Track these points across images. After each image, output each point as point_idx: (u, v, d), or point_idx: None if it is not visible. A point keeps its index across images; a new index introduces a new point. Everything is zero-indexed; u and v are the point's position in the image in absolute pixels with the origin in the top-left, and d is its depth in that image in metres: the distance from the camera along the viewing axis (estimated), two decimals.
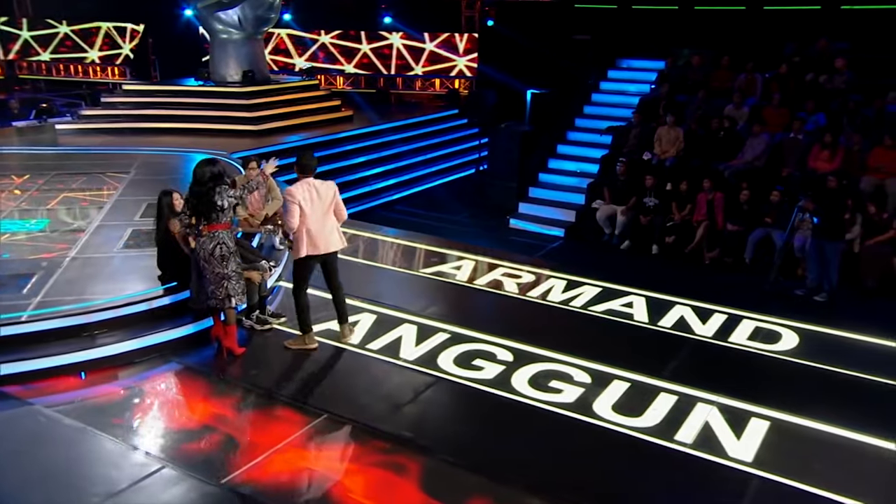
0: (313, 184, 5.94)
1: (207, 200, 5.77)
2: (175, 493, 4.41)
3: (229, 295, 5.86)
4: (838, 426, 5.13)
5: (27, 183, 10.55)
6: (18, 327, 5.73)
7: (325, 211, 5.96)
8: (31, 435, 4.98)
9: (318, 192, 5.91)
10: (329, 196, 5.99)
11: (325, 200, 5.95)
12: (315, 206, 5.88)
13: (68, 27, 22.57)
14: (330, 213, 6.03)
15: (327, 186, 6.02)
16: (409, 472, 4.67)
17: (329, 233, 6.03)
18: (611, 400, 5.47)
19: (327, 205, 5.98)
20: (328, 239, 6.01)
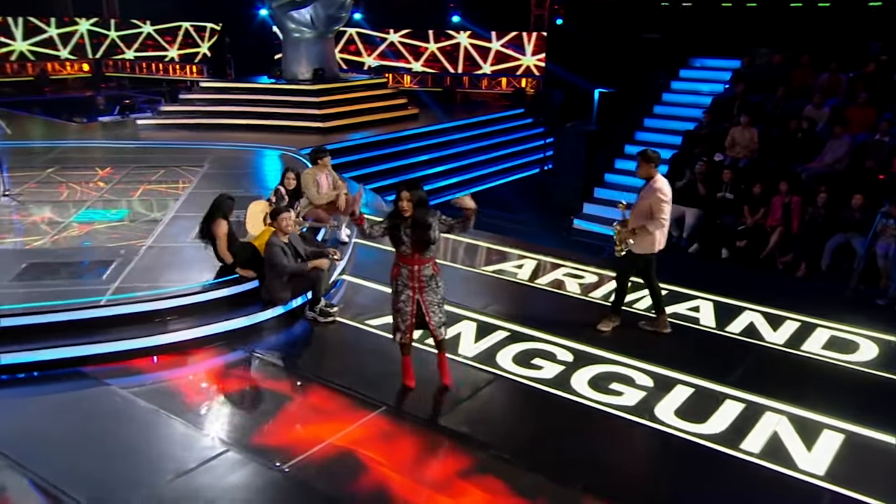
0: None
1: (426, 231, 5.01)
2: (239, 475, 4.54)
3: (395, 330, 5.37)
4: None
5: (109, 175, 11.05)
6: (97, 311, 6.01)
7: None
8: (110, 413, 5.21)
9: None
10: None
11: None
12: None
13: (152, 27, 23.56)
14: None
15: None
16: (466, 468, 4.66)
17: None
18: (673, 405, 5.34)
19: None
20: None
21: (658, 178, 6.16)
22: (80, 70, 24.09)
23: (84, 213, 8.79)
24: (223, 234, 6.68)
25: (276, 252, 6.43)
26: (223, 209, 6.75)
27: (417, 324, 5.27)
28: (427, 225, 4.96)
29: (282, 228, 6.55)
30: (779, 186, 10.44)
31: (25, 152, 12.69)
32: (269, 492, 4.44)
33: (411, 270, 5.09)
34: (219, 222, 6.69)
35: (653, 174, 6.16)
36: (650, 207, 6.08)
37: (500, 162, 16.11)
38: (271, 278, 6.53)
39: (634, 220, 6.21)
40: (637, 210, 6.22)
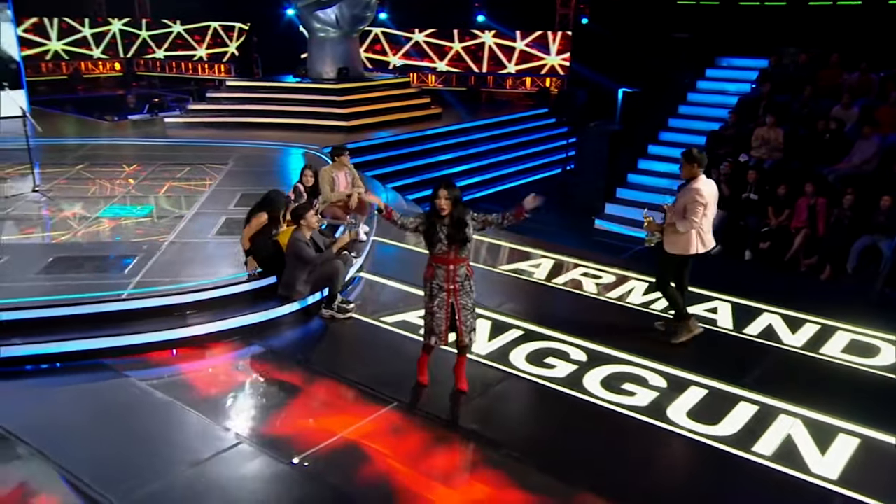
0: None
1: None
2: (249, 467, 4.62)
3: (428, 332, 5.29)
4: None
5: (136, 171, 11.27)
6: (119, 304, 6.14)
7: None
8: (126, 404, 5.32)
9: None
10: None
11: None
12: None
13: (181, 27, 23.93)
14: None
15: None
16: (475, 465, 4.69)
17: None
18: (686, 406, 5.30)
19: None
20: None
21: (701, 178, 5.97)
22: (112, 69, 24.54)
23: (110, 209, 8.98)
24: (257, 223, 6.73)
25: (302, 246, 6.52)
26: (270, 205, 6.82)
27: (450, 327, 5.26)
28: (465, 223, 4.97)
29: (310, 225, 6.65)
30: (804, 188, 10.30)
31: (57, 149, 13.00)
32: (279, 483, 4.50)
33: (447, 270, 5.06)
34: (259, 214, 6.78)
35: (696, 174, 5.98)
36: (685, 207, 5.95)
37: (523, 161, 16.09)
38: (295, 272, 6.61)
39: (670, 219, 6.11)
40: (674, 208, 6.10)
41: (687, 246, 6.10)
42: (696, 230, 5.99)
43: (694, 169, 5.98)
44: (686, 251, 6.12)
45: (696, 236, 6.05)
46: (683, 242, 6.08)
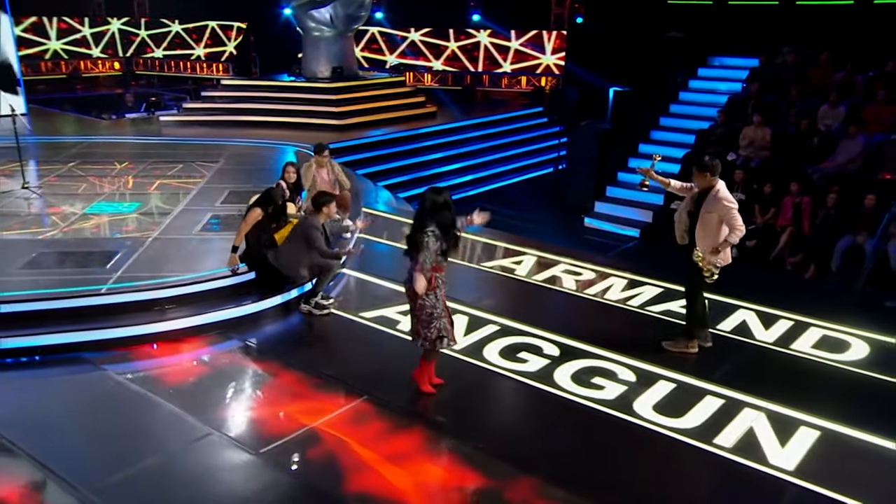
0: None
1: (411, 238, 5.04)
2: (218, 457, 4.71)
3: (441, 336, 5.22)
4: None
5: (127, 169, 11.37)
6: (98, 299, 6.23)
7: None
8: (100, 397, 5.42)
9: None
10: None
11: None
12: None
13: (180, 26, 24.07)
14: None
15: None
16: (438, 456, 4.77)
17: None
18: (653, 399, 5.37)
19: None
20: None
21: (719, 185, 5.65)
22: (111, 68, 24.72)
23: (97, 206, 9.07)
24: (251, 219, 6.79)
25: (316, 234, 6.55)
26: (266, 201, 6.88)
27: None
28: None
29: (329, 215, 6.74)
30: (789, 187, 10.34)
31: (52, 147, 13.13)
32: (246, 473, 4.58)
33: (442, 278, 5.14)
34: (253, 209, 6.85)
35: (712, 184, 5.64)
36: (719, 219, 5.59)
37: (516, 160, 16.16)
38: (300, 256, 6.64)
39: (704, 240, 5.70)
40: (703, 225, 5.70)
41: (727, 256, 5.78)
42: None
43: (708, 178, 5.65)
44: (727, 261, 5.80)
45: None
46: (725, 255, 5.73)
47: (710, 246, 5.65)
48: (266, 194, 6.88)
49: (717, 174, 5.69)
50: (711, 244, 5.65)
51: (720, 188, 5.65)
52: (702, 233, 5.73)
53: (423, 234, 4.91)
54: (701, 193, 5.76)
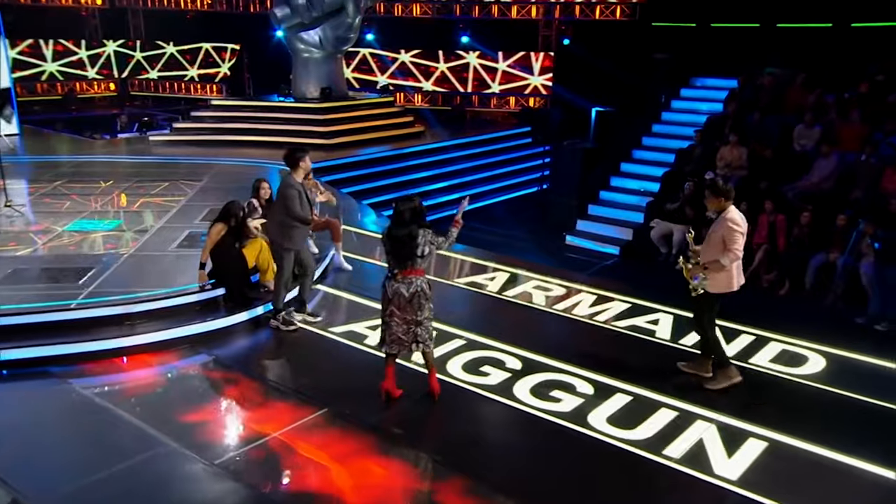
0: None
1: (409, 246, 5.17)
2: (174, 469, 4.78)
3: (417, 341, 5.38)
4: (840, 451, 4.92)
5: (112, 187, 11.52)
6: (67, 314, 6.34)
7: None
8: (62, 411, 5.52)
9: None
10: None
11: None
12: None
13: (174, 48, 24.40)
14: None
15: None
16: (392, 467, 4.84)
17: None
18: (608, 412, 5.45)
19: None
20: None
21: (731, 209, 5.67)
22: (106, 89, 25.00)
23: (77, 223, 9.20)
24: (214, 234, 6.88)
25: (292, 194, 6.44)
26: (226, 215, 6.98)
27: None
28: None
29: (307, 168, 6.66)
30: (764, 205, 10.47)
31: (40, 166, 13.30)
32: (200, 484, 4.66)
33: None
34: (214, 225, 6.96)
35: (725, 206, 5.65)
36: (722, 239, 5.59)
37: (502, 179, 16.31)
38: (285, 221, 6.56)
39: (704, 255, 5.70)
40: (709, 244, 5.70)
41: (730, 282, 5.71)
42: (737, 263, 5.67)
43: (721, 202, 5.66)
44: (730, 288, 5.72)
45: (737, 269, 5.72)
46: (726, 279, 5.67)
47: (712, 263, 5.62)
48: (225, 209, 6.99)
49: (731, 199, 5.70)
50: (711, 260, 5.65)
51: (731, 210, 5.67)
52: (705, 251, 5.73)
53: (421, 232, 5.17)
54: (716, 215, 5.75)
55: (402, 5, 20.34)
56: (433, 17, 20.26)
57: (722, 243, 5.60)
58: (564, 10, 18.97)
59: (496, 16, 19.62)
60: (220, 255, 6.97)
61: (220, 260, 6.97)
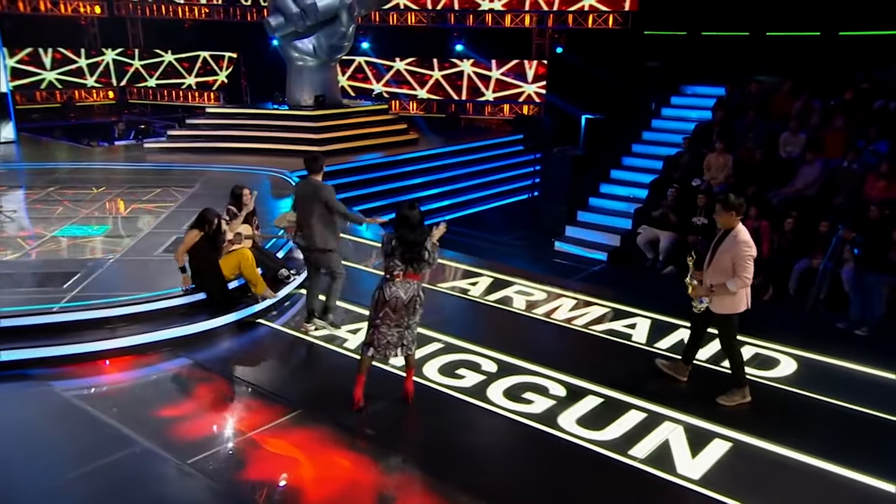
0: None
1: (419, 250, 5.23)
2: (145, 467, 4.87)
3: (403, 344, 5.45)
4: (803, 452, 4.99)
5: (104, 194, 11.64)
6: (49, 317, 6.43)
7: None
8: (40, 412, 5.61)
9: None
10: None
11: None
12: None
13: (172, 56, 24.60)
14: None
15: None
16: (361, 467, 4.92)
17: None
18: (578, 413, 5.52)
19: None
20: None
21: (741, 228, 5.47)
22: (105, 97, 25.18)
23: (66, 229, 9.31)
24: (189, 240, 6.98)
25: (333, 194, 6.62)
26: (201, 221, 7.05)
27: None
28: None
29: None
30: (748, 212, 10.53)
31: (35, 173, 13.44)
32: (171, 483, 4.74)
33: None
34: (190, 231, 7.06)
35: (734, 224, 5.45)
36: (732, 262, 5.40)
37: (494, 186, 16.42)
38: (328, 224, 6.65)
39: (713, 276, 5.53)
40: (716, 265, 5.52)
41: (738, 304, 5.54)
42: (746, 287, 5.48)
43: (732, 218, 5.45)
44: (736, 309, 5.55)
45: (746, 292, 5.55)
46: (733, 301, 5.52)
47: (720, 287, 5.48)
48: (200, 215, 7.07)
49: (742, 214, 5.53)
50: (718, 283, 5.51)
51: (741, 230, 5.48)
52: (711, 270, 5.57)
53: (428, 238, 5.28)
54: (723, 232, 5.58)
55: (396, 14, 20.50)
56: (428, 25, 20.41)
57: (731, 265, 5.40)
58: (557, 19, 19.10)
59: (490, 24, 19.75)
60: (197, 260, 7.06)
61: (198, 266, 7.06)
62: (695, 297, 5.63)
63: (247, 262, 7.26)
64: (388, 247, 5.26)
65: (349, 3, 16.43)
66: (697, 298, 5.62)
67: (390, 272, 5.30)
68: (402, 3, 20.35)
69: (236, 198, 7.69)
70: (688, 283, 5.72)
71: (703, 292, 5.56)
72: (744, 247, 5.38)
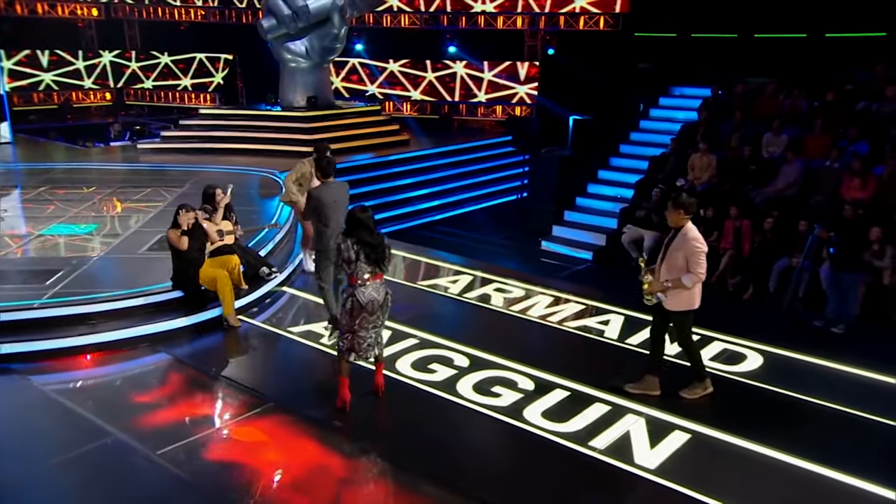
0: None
1: (381, 250, 5.37)
2: (115, 459, 5.00)
3: (379, 342, 5.63)
4: (760, 444, 5.10)
5: (94, 193, 11.78)
6: (29, 313, 6.57)
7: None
8: (17, 405, 5.76)
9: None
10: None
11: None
12: None
13: (169, 58, 24.78)
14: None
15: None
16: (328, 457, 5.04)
17: None
18: (543, 406, 5.64)
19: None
20: None
21: (690, 226, 5.52)
22: (102, 98, 25.35)
23: (54, 228, 9.46)
24: (176, 239, 7.10)
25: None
26: (176, 223, 7.14)
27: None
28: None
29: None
30: (729, 211, 10.66)
31: (28, 173, 13.59)
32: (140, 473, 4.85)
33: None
34: (169, 231, 7.16)
35: (683, 223, 5.51)
36: (684, 260, 5.44)
37: (484, 187, 16.53)
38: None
39: (666, 273, 5.58)
40: (669, 263, 5.57)
41: (692, 300, 5.60)
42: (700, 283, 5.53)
43: (681, 216, 5.52)
44: (692, 305, 5.62)
45: (699, 288, 5.61)
46: (689, 297, 5.58)
47: (675, 282, 5.52)
48: (175, 217, 7.17)
49: (692, 213, 5.58)
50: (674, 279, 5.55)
51: (690, 228, 5.53)
52: (665, 269, 5.61)
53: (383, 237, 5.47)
54: (674, 231, 5.62)
55: (390, 16, 20.64)
56: (421, 27, 20.54)
57: (683, 262, 5.47)
58: (549, 21, 19.21)
59: (482, 26, 19.88)
60: (181, 259, 7.17)
61: (181, 264, 7.17)
62: (651, 293, 5.66)
63: (221, 282, 7.10)
64: (350, 253, 5.27)
65: (341, 6, 16.56)
66: (653, 295, 5.64)
67: (360, 277, 5.33)
68: (395, 5, 20.49)
69: (209, 197, 7.76)
70: (642, 281, 5.72)
71: (659, 288, 5.60)
72: (694, 243, 5.43)
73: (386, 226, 13.76)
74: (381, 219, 13.89)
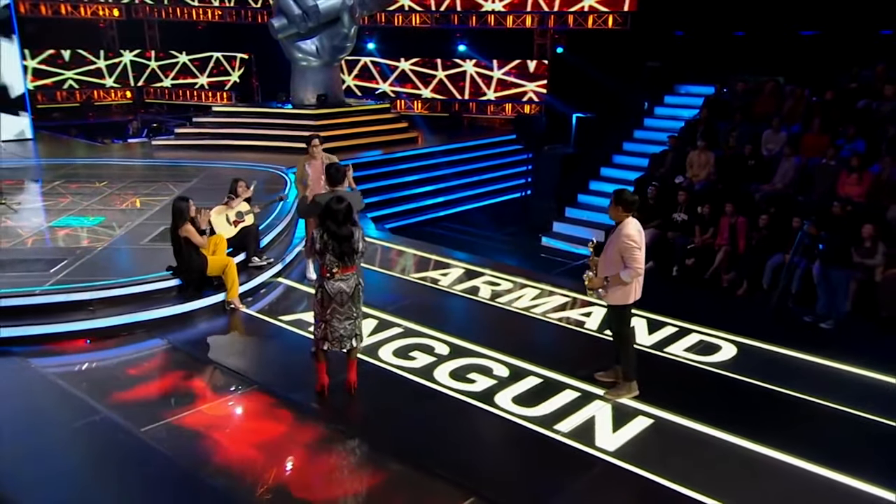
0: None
1: (350, 243, 5.43)
2: (102, 433, 5.29)
3: (357, 335, 5.72)
4: (721, 430, 5.24)
5: (105, 187, 12.16)
6: (31, 298, 6.90)
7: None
8: (14, 385, 6.08)
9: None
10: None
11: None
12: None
13: (186, 57, 25.29)
14: None
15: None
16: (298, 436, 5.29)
17: None
18: (515, 392, 5.83)
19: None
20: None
21: (627, 222, 5.52)
22: (123, 97, 25.91)
23: (64, 220, 9.82)
24: (193, 234, 7.41)
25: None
26: (183, 213, 7.44)
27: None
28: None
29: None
30: (724, 207, 10.74)
31: (47, 168, 14.04)
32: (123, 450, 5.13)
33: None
34: (184, 228, 7.42)
35: (622, 218, 5.54)
36: (619, 255, 5.49)
37: (490, 184, 16.72)
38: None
39: (604, 269, 5.64)
40: (605, 257, 5.65)
41: (627, 296, 5.63)
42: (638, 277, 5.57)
43: (619, 212, 5.55)
44: (625, 301, 5.65)
45: (638, 283, 5.64)
46: (625, 292, 5.60)
47: (614, 278, 5.57)
48: (175, 213, 7.43)
49: (631, 211, 5.56)
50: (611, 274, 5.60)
51: (627, 223, 5.52)
52: (602, 263, 5.68)
53: (355, 230, 5.51)
54: (615, 226, 5.68)
55: (401, 15, 20.89)
56: (432, 26, 20.76)
57: (619, 258, 5.50)
58: (558, 20, 19.34)
59: (492, 25, 20.05)
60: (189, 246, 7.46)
61: (188, 252, 7.46)
62: (591, 288, 5.72)
63: (230, 268, 7.60)
64: (320, 244, 5.39)
65: (351, 5, 16.84)
66: (594, 290, 5.71)
67: (329, 269, 5.46)
68: (406, 5, 20.73)
69: (233, 187, 8.50)
70: (586, 276, 5.77)
71: (598, 283, 5.65)
72: (626, 240, 5.43)
73: (391, 221, 14.04)
74: (386, 214, 14.25)
